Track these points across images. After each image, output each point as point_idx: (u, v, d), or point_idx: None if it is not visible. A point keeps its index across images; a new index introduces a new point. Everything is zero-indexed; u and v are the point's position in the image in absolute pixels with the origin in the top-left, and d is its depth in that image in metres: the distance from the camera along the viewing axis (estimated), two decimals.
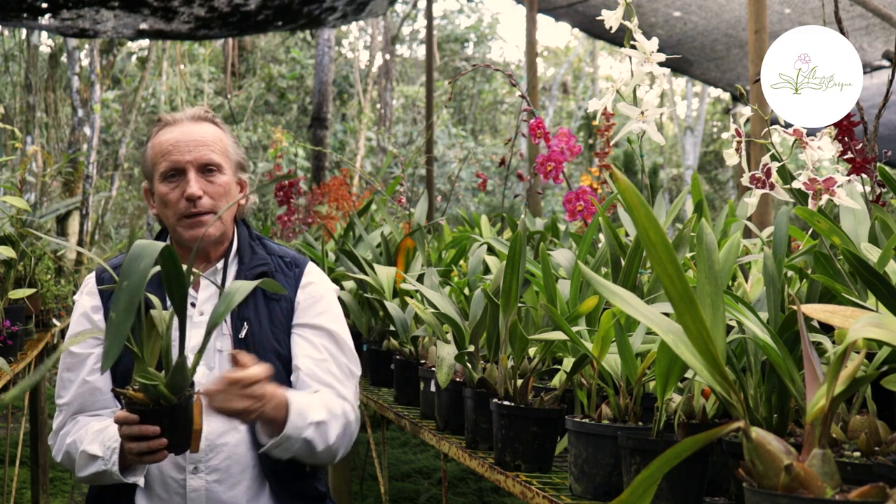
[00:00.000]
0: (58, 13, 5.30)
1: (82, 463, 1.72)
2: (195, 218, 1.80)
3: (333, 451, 1.78)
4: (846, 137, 1.40)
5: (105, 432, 1.70)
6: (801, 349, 1.08)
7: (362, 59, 16.17)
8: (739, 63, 7.21)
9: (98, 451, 1.68)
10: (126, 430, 1.51)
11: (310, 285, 1.92)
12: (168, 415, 1.49)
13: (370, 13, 6.26)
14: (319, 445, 1.73)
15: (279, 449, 1.71)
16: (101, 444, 1.69)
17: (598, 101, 1.62)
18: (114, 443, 1.66)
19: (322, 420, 1.73)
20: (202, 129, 1.85)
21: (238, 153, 1.91)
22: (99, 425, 1.74)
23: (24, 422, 3.72)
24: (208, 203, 1.81)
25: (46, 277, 3.75)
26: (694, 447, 0.79)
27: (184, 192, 1.79)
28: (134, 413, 1.49)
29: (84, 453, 1.70)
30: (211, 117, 1.90)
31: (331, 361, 1.85)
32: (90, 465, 1.70)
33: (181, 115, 1.88)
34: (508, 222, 3.10)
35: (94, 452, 1.69)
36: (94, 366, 1.82)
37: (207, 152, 1.82)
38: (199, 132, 1.84)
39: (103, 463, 1.67)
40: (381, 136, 13.05)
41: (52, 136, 9.28)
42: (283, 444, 1.69)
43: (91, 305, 1.88)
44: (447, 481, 2.36)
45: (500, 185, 12.87)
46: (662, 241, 0.93)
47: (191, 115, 1.88)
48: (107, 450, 1.67)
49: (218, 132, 1.88)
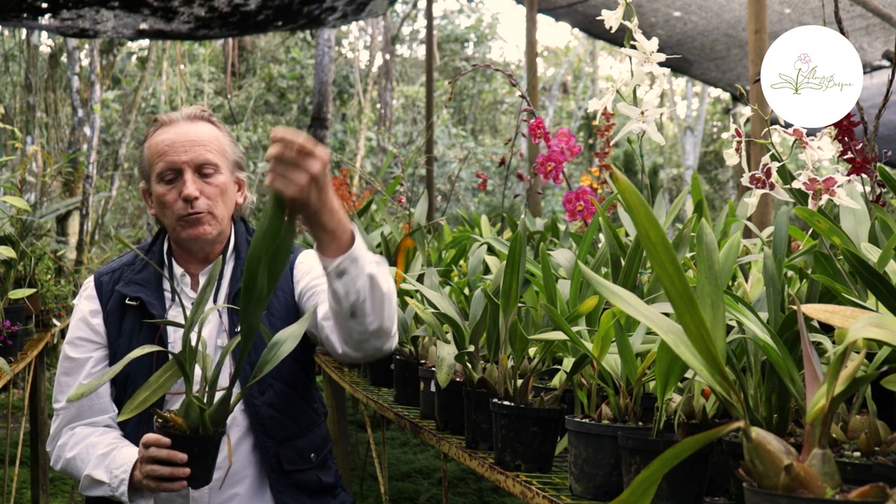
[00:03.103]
0: (58, 13, 5.30)
1: (86, 484, 1.71)
2: (193, 217, 1.79)
3: (393, 307, 1.63)
4: (846, 137, 1.40)
5: (110, 458, 1.68)
6: (801, 349, 1.08)
7: (362, 59, 16.18)
8: (739, 63, 7.21)
9: (104, 478, 1.67)
10: (154, 451, 1.50)
11: (304, 263, 1.91)
12: (201, 444, 1.48)
13: (370, 13, 6.26)
14: (383, 285, 1.58)
15: (343, 280, 1.53)
16: (107, 470, 1.67)
17: (598, 101, 1.62)
18: (122, 473, 1.64)
19: (380, 261, 1.61)
20: (198, 128, 1.84)
21: (235, 152, 1.90)
22: (102, 447, 1.72)
23: (24, 422, 3.72)
24: (205, 203, 1.80)
25: (46, 277, 3.76)
26: (694, 447, 0.79)
27: (181, 192, 1.78)
28: (167, 436, 1.49)
29: (88, 477, 1.70)
30: (207, 116, 1.88)
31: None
32: (95, 488, 1.70)
33: (177, 115, 1.86)
34: (508, 222, 3.10)
35: (100, 478, 1.68)
36: (92, 370, 1.82)
37: (203, 152, 1.81)
38: (194, 132, 1.82)
39: (109, 489, 1.67)
40: (381, 136, 13.06)
41: (52, 136, 9.29)
42: (348, 271, 1.53)
43: (90, 309, 1.86)
44: (447, 481, 2.36)
45: (500, 185, 12.87)
46: (662, 241, 0.93)
47: (187, 114, 1.86)
48: (114, 478, 1.66)
49: (214, 131, 1.86)
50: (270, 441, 1.78)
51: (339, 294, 1.55)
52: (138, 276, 1.86)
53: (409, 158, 4.38)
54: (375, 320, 1.60)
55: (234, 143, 1.91)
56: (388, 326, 1.63)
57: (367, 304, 1.57)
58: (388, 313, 1.61)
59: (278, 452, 1.79)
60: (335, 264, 1.52)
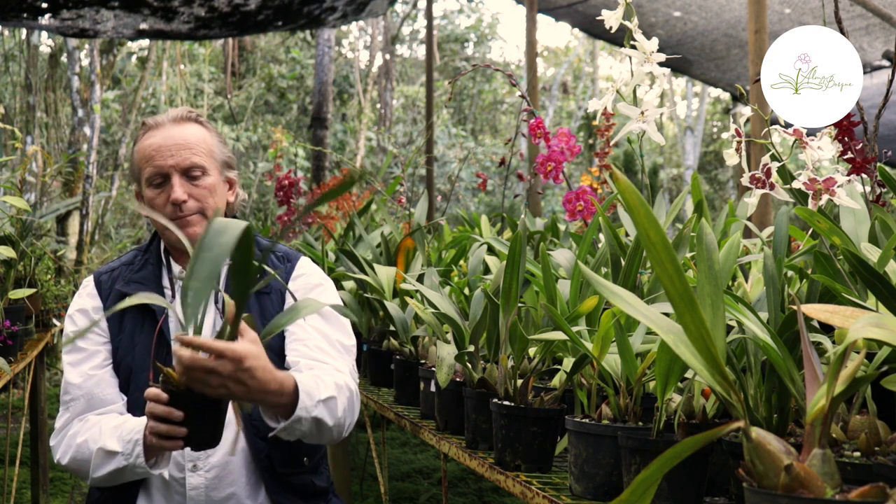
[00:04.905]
0: (58, 13, 5.30)
1: (98, 462, 1.68)
2: (182, 219, 1.80)
3: (340, 426, 1.71)
4: (846, 137, 1.40)
5: (122, 427, 1.67)
6: (801, 349, 1.09)
7: (362, 59, 16.18)
8: (739, 63, 7.21)
9: (117, 447, 1.65)
10: (152, 406, 1.46)
11: (301, 276, 1.91)
12: (196, 403, 1.43)
13: (370, 13, 6.26)
14: (329, 421, 1.65)
15: (288, 432, 1.63)
16: (120, 438, 1.65)
17: (598, 101, 1.62)
18: (135, 435, 1.63)
19: (331, 396, 1.66)
20: (184, 130, 1.83)
21: (224, 152, 1.89)
22: (114, 422, 1.71)
23: (24, 422, 3.72)
24: (194, 206, 1.80)
25: (46, 277, 3.76)
26: (694, 447, 0.79)
27: (169, 196, 1.79)
28: (166, 392, 1.44)
29: (101, 451, 1.67)
30: (195, 117, 1.88)
31: (320, 339, 1.81)
32: (108, 462, 1.67)
33: (163, 117, 1.86)
34: (508, 222, 3.10)
35: (113, 448, 1.65)
36: (103, 363, 1.82)
37: (190, 155, 1.81)
38: (181, 135, 1.82)
39: (123, 458, 1.64)
40: (381, 136, 13.06)
41: (52, 136, 9.28)
42: (294, 427, 1.61)
43: (92, 306, 1.88)
44: (447, 481, 2.36)
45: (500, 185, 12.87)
46: (662, 241, 0.93)
47: (173, 116, 1.86)
48: (127, 444, 1.64)
49: (201, 132, 1.86)
50: (263, 442, 1.79)
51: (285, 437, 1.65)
52: (138, 275, 1.87)
53: (409, 158, 4.38)
54: (322, 440, 1.73)
55: (222, 142, 1.91)
56: (336, 438, 1.73)
57: (313, 438, 1.68)
58: (335, 433, 1.71)
59: (271, 454, 1.79)
60: (280, 427, 1.60)
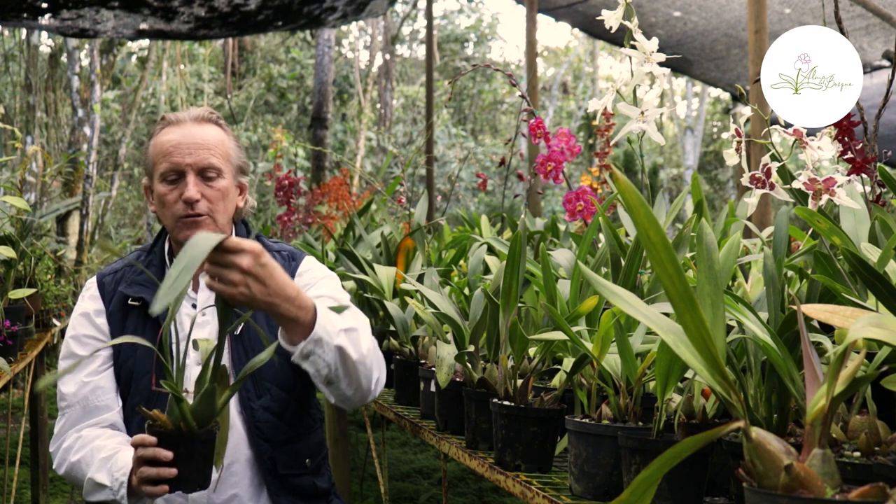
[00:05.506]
0: (58, 13, 5.30)
1: (89, 489, 1.70)
2: (192, 219, 1.80)
3: (368, 368, 1.65)
4: (846, 137, 1.40)
5: (113, 460, 1.67)
6: (801, 349, 1.08)
7: (362, 59, 16.18)
8: (739, 63, 7.21)
9: (105, 481, 1.66)
10: (141, 451, 1.47)
11: (307, 272, 1.91)
12: (185, 442, 1.42)
13: (370, 13, 6.26)
14: (353, 354, 1.60)
15: (310, 360, 1.57)
16: (109, 473, 1.66)
17: (598, 101, 1.62)
18: (122, 476, 1.63)
19: (352, 327, 1.62)
20: (204, 131, 1.84)
21: (239, 157, 1.90)
22: (106, 451, 1.71)
23: (24, 422, 3.72)
24: (205, 206, 1.80)
25: (46, 277, 3.76)
26: (694, 447, 0.79)
27: (182, 194, 1.78)
28: (153, 435, 1.44)
29: (91, 481, 1.68)
30: (215, 119, 1.88)
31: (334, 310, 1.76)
32: (97, 492, 1.68)
33: (185, 115, 1.86)
34: (508, 222, 3.10)
35: (102, 482, 1.66)
36: (99, 368, 1.82)
37: (208, 156, 1.81)
38: (201, 135, 1.82)
39: (111, 493, 1.65)
40: (381, 136, 13.06)
41: (52, 136, 9.28)
42: (314, 352, 1.56)
43: (94, 309, 1.87)
44: (447, 481, 2.37)
45: (500, 185, 12.88)
46: (662, 241, 0.93)
47: (194, 115, 1.86)
48: (115, 481, 1.64)
49: (221, 135, 1.86)
50: (266, 444, 1.79)
51: (310, 372, 1.61)
52: (140, 277, 1.87)
53: (409, 158, 4.38)
54: (350, 386, 1.66)
55: (239, 147, 1.91)
56: (367, 386, 1.68)
57: (339, 374, 1.62)
58: (363, 375, 1.65)
59: (273, 456, 1.79)
60: (299, 349, 1.56)
